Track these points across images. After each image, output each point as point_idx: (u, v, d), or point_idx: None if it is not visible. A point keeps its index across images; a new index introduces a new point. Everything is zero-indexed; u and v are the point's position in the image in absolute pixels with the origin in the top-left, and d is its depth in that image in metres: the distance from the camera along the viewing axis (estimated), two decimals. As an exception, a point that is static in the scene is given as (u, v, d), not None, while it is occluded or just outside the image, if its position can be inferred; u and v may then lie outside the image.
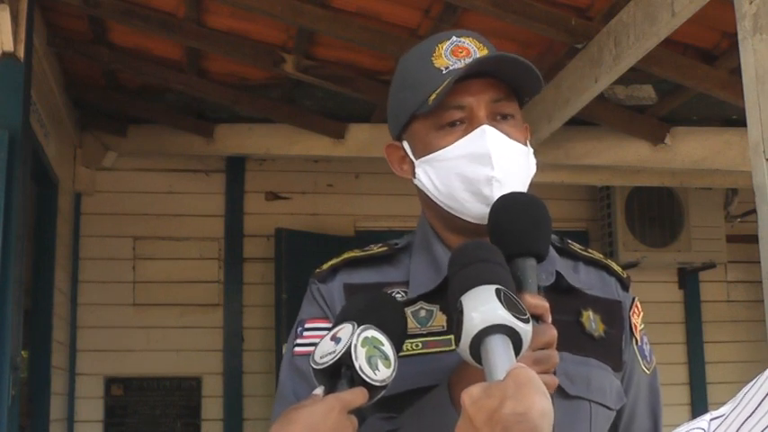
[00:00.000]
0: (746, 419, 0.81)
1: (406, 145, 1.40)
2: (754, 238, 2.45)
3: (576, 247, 1.45)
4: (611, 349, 1.37)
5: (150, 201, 5.67)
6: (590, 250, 1.47)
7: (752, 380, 0.86)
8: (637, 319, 1.43)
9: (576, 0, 3.65)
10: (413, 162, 1.38)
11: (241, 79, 4.86)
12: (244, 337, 5.65)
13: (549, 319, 1.19)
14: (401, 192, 5.87)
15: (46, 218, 4.81)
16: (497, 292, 1.06)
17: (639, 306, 1.46)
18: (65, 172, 5.11)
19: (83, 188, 5.52)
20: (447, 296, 1.15)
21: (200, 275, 5.66)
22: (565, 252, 1.42)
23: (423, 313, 1.32)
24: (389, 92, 1.44)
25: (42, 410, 4.75)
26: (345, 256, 1.43)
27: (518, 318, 1.05)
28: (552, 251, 1.38)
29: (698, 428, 0.88)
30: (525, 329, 1.05)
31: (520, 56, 1.30)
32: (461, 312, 1.06)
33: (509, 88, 1.32)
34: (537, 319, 1.17)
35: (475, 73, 1.29)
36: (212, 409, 5.59)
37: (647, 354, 1.44)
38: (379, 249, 1.42)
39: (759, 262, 2.30)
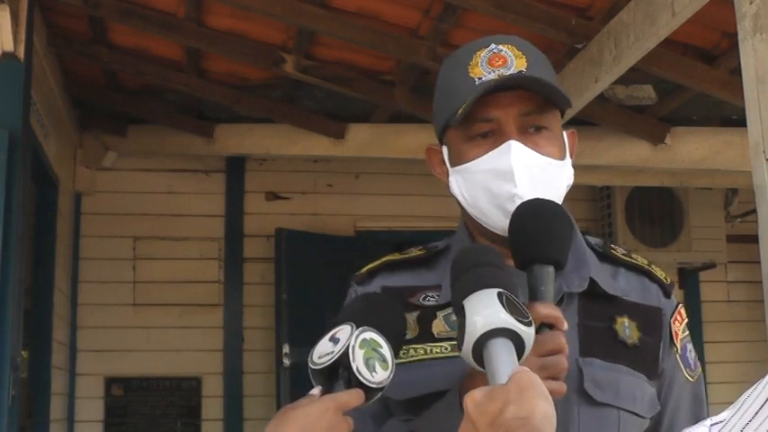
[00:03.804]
0: (747, 424, 0.81)
1: (444, 150, 1.39)
2: (754, 238, 2.45)
3: (619, 252, 1.44)
4: (645, 357, 1.36)
5: (150, 201, 5.67)
6: (633, 255, 1.45)
7: (753, 381, 0.86)
8: (678, 327, 1.41)
9: (575, 0, 3.65)
10: (448, 169, 1.38)
11: (241, 79, 4.86)
12: (244, 337, 5.65)
13: (564, 327, 1.18)
14: (401, 192, 5.89)
15: (46, 218, 4.81)
16: (499, 295, 1.06)
17: (683, 313, 1.44)
18: (65, 172, 5.11)
19: (83, 188, 5.51)
20: (451, 300, 1.15)
21: (201, 275, 5.66)
22: (606, 257, 1.41)
23: (454, 317, 1.33)
24: (434, 94, 1.43)
25: (42, 410, 4.75)
26: (384, 259, 1.45)
27: (520, 321, 1.05)
28: (591, 257, 1.38)
29: None
30: (528, 333, 1.05)
31: (545, 77, 1.29)
32: (464, 316, 1.06)
33: (543, 99, 1.30)
34: (550, 327, 1.17)
35: (507, 84, 1.28)
36: (212, 409, 5.59)
37: (690, 361, 1.42)
38: (418, 252, 1.43)
39: (759, 262, 2.30)
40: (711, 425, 0.88)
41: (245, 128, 5.33)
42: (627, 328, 1.35)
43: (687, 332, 1.44)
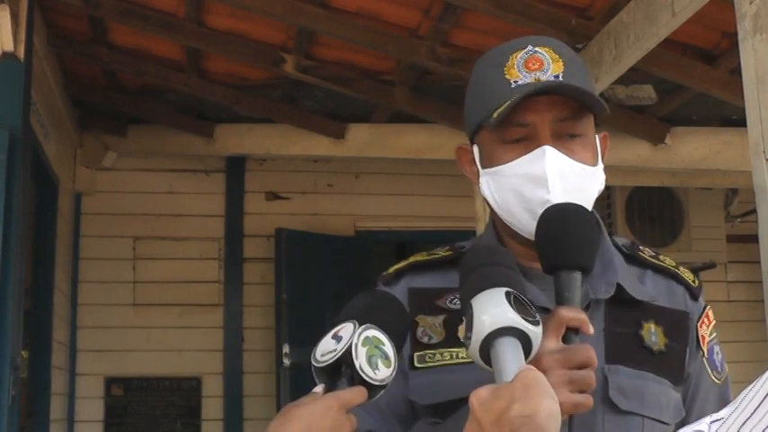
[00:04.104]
0: (746, 421, 0.81)
1: (475, 150, 1.37)
2: (754, 238, 2.45)
3: (647, 253, 1.42)
4: (671, 363, 1.34)
5: (150, 201, 5.67)
6: (661, 257, 1.43)
7: (752, 381, 0.86)
8: (705, 330, 1.39)
9: (575, 0, 3.65)
10: (479, 170, 1.36)
11: (241, 79, 4.86)
12: (244, 337, 5.65)
13: (590, 332, 1.18)
14: (401, 192, 5.89)
15: (46, 218, 4.81)
16: (507, 294, 1.06)
17: (711, 315, 1.42)
18: (65, 172, 5.11)
19: (83, 188, 5.52)
20: (459, 299, 1.14)
21: (201, 275, 5.66)
22: (633, 260, 1.39)
23: None
24: (466, 93, 1.41)
25: (42, 410, 4.75)
26: (411, 260, 1.43)
27: (528, 320, 1.05)
28: (618, 259, 1.36)
29: (698, 431, 0.88)
30: (535, 332, 1.05)
31: (583, 85, 1.28)
32: (472, 315, 1.06)
33: (578, 104, 1.29)
34: (575, 332, 1.17)
35: (545, 91, 1.27)
36: (212, 409, 5.59)
37: (717, 364, 1.40)
38: (445, 253, 1.41)
39: (759, 262, 2.30)
40: (711, 422, 0.89)
41: (245, 128, 5.34)
42: (653, 334, 1.34)
43: (714, 334, 1.41)
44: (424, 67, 4.33)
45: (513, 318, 1.04)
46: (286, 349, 5.22)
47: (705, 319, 1.40)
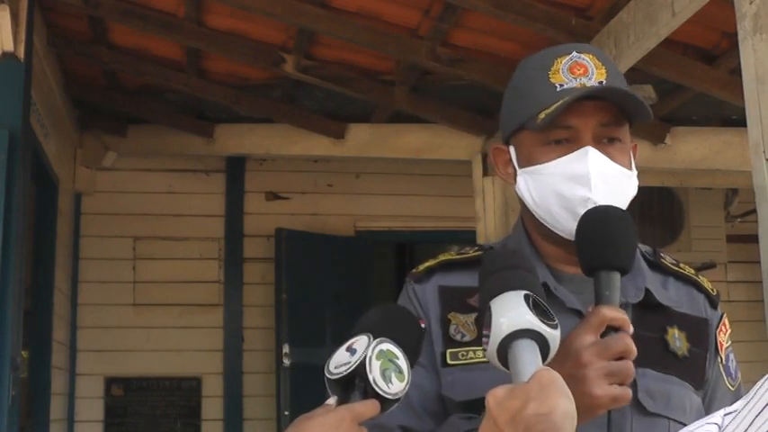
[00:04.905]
0: (759, 413, 0.81)
1: (512, 150, 1.40)
2: (754, 238, 2.45)
3: (668, 260, 1.45)
4: (693, 368, 1.37)
5: (150, 201, 5.67)
6: (682, 264, 1.47)
7: (753, 381, 0.86)
8: (723, 337, 1.43)
9: (575, 0, 3.65)
10: (516, 169, 1.39)
11: (241, 79, 4.86)
12: (244, 337, 5.65)
13: (630, 331, 1.19)
14: (401, 192, 5.89)
15: (46, 218, 4.81)
16: (526, 297, 1.07)
17: (727, 323, 1.45)
18: (65, 172, 5.11)
19: (83, 188, 5.52)
20: (478, 302, 1.16)
21: (201, 275, 5.66)
22: (656, 266, 1.43)
23: None
24: (504, 95, 1.44)
25: (42, 410, 4.75)
26: (441, 258, 1.44)
27: (546, 323, 1.05)
28: (644, 266, 1.40)
29: (712, 423, 0.88)
30: (553, 335, 1.06)
31: (633, 91, 1.32)
32: (490, 317, 1.07)
33: (619, 111, 1.33)
34: (615, 331, 1.19)
35: (595, 95, 1.31)
36: (212, 409, 5.59)
37: (732, 371, 1.43)
38: (474, 253, 1.43)
39: (759, 262, 2.30)
40: (725, 414, 0.89)
41: (245, 128, 5.34)
42: (677, 339, 1.36)
43: (730, 342, 1.45)
44: (424, 67, 4.33)
45: (530, 320, 1.05)
46: (286, 349, 5.22)
47: (723, 327, 1.44)
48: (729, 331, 1.45)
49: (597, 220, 1.26)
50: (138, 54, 4.62)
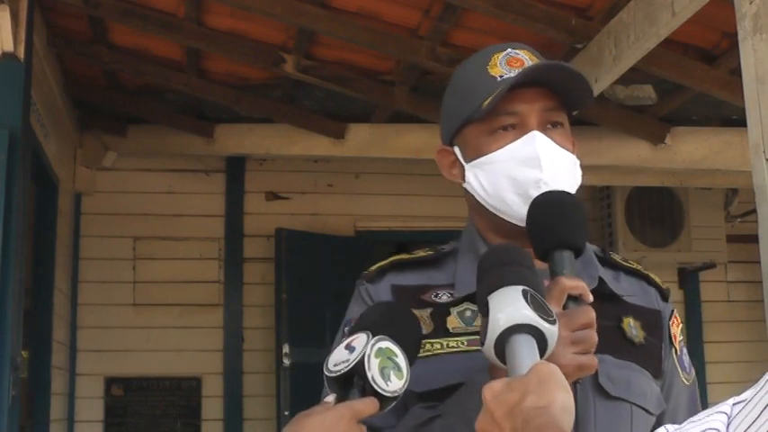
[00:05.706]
0: None
1: (456, 150, 1.43)
2: (754, 238, 2.45)
3: (617, 257, 1.49)
4: (650, 356, 1.40)
5: (150, 201, 5.67)
6: (630, 261, 1.51)
7: (753, 381, 0.86)
8: (676, 330, 1.46)
9: (575, 0, 3.66)
10: (463, 166, 1.42)
11: (241, 79, 4.86)
12: (244, 337, 5.65)
13: (590, 299, 1.22)
14: (401, 192, 5.89)
15: (46, 218, 4.81)
16: (524, 292, 1.08)
17: (678, 318, 1.49)
18: (65, 172, 5.11)
19: (83, 188, 5.52)
20: (476, 297, 1.17)
21: (201, 275, 5.66)
22: (606, 262, 1.46)
23: (468, 313, 1.36)
24: (443, 100, 1.48)
25: (42, 410, 4.75)
26: (393, 258, 1.47)
27: (545, 319, 1.06)
28: (596, 259, 1.43)
29: (721, 412, 0.88)
30: (551, 330, 1.06)
31: (574, 67, 1.36)
32: (488, 313, 1.08)
33: (560, 99, 1.38)
34: (575, 299, 1.21)
35: (528, 82, 1.35)
36: (212, 409, 5.59)
37: (686, 365, 1.47)
38: (426, 253, 1.46)
39: (759, 262, 2.30)
40: (734, 404, 0.89)
41: (245, 128, 5.34)
42: (633, 328, 1.39)
43: (683, 336, 1.48)
44: (424, 67, 4.33)
45: (528, 315, 1.06)
46: (286, 349, 5.22)
47: (675, 320, 1.48)
48: (681, 326, 1.48)
49: (546, 203, 1.29)
50: (138, 54, 4.62)
